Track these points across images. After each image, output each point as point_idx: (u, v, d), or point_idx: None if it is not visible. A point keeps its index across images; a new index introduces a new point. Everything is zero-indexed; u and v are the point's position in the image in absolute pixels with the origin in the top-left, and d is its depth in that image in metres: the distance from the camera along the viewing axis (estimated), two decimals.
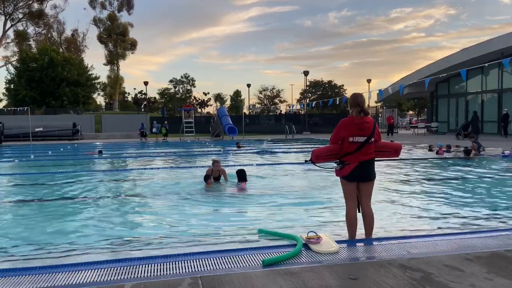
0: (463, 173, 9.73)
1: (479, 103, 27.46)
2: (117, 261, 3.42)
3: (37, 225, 5.38)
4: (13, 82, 45.27)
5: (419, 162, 12.39)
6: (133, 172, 11.05)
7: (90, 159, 15.10)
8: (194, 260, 3.40)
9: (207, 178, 7.95)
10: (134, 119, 35.63)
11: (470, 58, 24.67)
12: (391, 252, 3.60)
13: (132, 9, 62.29)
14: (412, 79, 27.74)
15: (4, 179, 10.03)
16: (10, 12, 50.55)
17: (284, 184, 8.55)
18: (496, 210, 5.88)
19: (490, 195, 7.09)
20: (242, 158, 14.46)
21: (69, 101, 43.77)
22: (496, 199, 6.82)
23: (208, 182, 7.91)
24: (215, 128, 30.25)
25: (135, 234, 4.88)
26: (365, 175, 4.01)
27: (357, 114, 3.95)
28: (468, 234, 4.25)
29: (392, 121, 29.63)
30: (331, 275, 3.04)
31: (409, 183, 8.51)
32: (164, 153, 17.30)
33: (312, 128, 35.79)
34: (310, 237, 3.83)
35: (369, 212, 4.13)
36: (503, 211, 5.80)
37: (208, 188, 7.79)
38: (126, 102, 73.38)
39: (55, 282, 2.99)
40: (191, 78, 74.94)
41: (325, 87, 64.46)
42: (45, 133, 28.73)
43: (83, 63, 50.15)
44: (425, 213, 5.73)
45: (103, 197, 7.32)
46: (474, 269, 3.12)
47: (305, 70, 38.61)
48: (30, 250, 4.29)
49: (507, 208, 5.96)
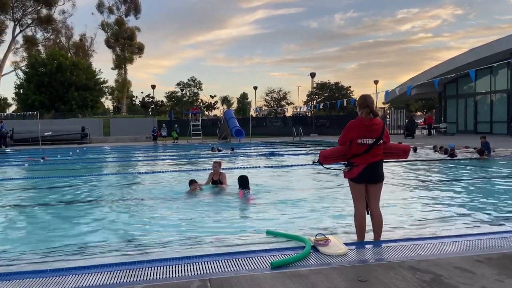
0: (472, 173, 9.65)
1: (488, 103, 27.22)
2: (127, 264, 3.45)
3: (48, 228, 5.43)
4: (22, 87, 45.79)
5: (428, 163, 12.31)
6: (143, 175, 11.11)
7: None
8: (203, 263, 3.41)
9: (191, 182, 7.61)
10: (142, 122, 35.85)
11: (478, 58, 24.47)
12: (400, 254, 3.58)
13: (139, 14, 62.66)
14: (420, 79, 27.57)
15: (12, 183, 10.14)
16: (19, 17, 51.15)
17: (292, 185, 8.54)
18: (506, 211, 5.82)
19: (499, 196, 7.01)
20: (244, 160, 14.47)
21: (78, 105, 44.15)
22: (506, 200, 6.74)
23: (191, 187, 7.54)
24: (222, 131, 30.31)
25: (144, 237, 4.90)
26: (374, 176, 4.00)
27: (366, 115, 3.94)
28: (478, 235, 4.22)
29: (432, 121, 29.23)
30: (340, 277, 3.03)
31: (418, 184, 8.45)
32: (174, 156, 17.37)
33: (319, 130, 35.72)
34: (318, 239, 3.82)
35: (377, 213, 4.11)
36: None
37: (191, 193, 7.46)
38: (134, 105, 73.76)
39: (66, 284, 3.02)
40: (198, 81, 75.18)
41: (332, 88, 64.33)
42: (55, 137, 29.02)
43: (91, 68, 50.57)
44: (434, 215, 5.69)
45: (112, 200, 7.36)
46: (485, 270, 3.09)
47: (311, 72, 38.72)
48: (41, 253, 4.32)
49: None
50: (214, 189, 7.85)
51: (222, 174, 8.14)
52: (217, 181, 8.01)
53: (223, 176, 8.09)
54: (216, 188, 7.88)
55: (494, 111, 26.54)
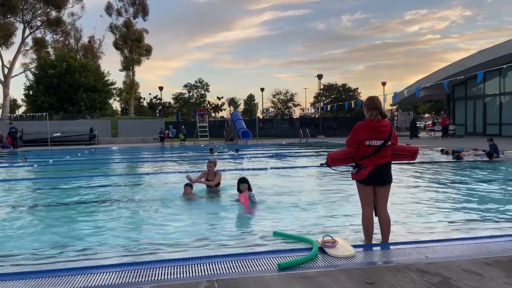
0: (481, 176, 9.56)
1: (497, 105, 26.97)
2: (136, 264, 3.47)
3: (57, 229, 5.48)
4: (32, 88, 46.30)
5: (436, 165, 12.22)
6: (150, 176, 11.16)
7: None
8: (211, 263, 3.43)
9: (185, 186, 7.32)
10: (149, 124, 36.05)
11: (487, 59, 24.25)
12: (408, 256, 3.57)
13: (147, 16, 63.19)
14: (429, 81, 27.39)
15: (23, 183, 10.25)
16: (28, 20, 51.79)
17: (299, 187, 8.53)
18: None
19: (509, 199, 6.95)
20: (251, 161, 14.47)
21: (86, 107, 44.54)
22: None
23: (184, 191, 7.25)
24: (229, 132, 30.36)
25: (153, 238, 4.92)
26: (382, 178, 3.98)
27: (376, 117, 3.93)
28: (487, 238, 4.19)
29: (447, 123, 29.08)
30: (348, 279, 3.03)
31: (425, 186, 8.39)
32: (180, 157, 17.43)
33: (326, 131, 35.64)
34: (325, 241, 3.81)
35: (385, 216, 4.10)
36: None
37: (187, 197, 7.19)
38: (142, 107, 74.19)
39: (75, 284, 3.05)
40: (205, 83, 75.49)
41: (339, 90, 64.13)
42: (63, 138, 29.27)
43: (99, 69, 51.00)
44: (443, 217, 5.65)
45: (121, 201, 7.41)
46: (494, 273, 3.07)
47: (319, 74, 38.65)
48: (50, 253, 4.36)
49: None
50: (216, 191, 7.69)
51: (218, 174, 7.85)
52: (216, 183, 7.76)
53: (218, 176, 7.80)
54: (217, 190, 7.65)
55: (503, 113, 26.28)
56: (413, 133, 28.87)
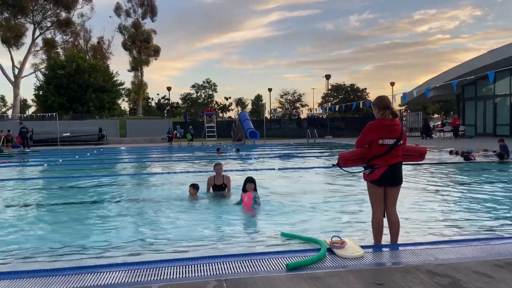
0: (492, 177, 9.47)
1: (508, 105, 26.66)
2: (145, 263, 3.49)
3: (68, 228, 5.53)
4: (42, 88, 46.72)
5: (446, 166, 12.13)
6: (159, 175, 11.22)
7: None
8: (219, 263, 3.43)
9: (191, 187, 7.29)
10: (157, 124, 36.22)
11: (497, 59, 23.98)
12: (417, 257, 3.54)
13: (155, 16, 63.39)
14: (438, 81, 27.16)
15: (33, 182, 10.36)
16: (38, 20, 52.25)
17: (307, 188, 8.51)
18: None
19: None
20: (258, 162, 14.47)
21: (95, 107, 44.85)
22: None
23: (190, 191, 7.25)
24: (237, 133, 30.40)
25: (161, 237, 4.95)
26: (394, 179, 3.96)
27: (387, 116, 3.92)
28: (497, 240, 4.14)
29: (457, 123, 28.91)
30: (357, 280, 3.02)
31: (435, 187, 8.32)
32: (188, 157, 17.49)
33: (334, 132, 35.54)
34: (334, 241, 3.80)
35: (395, 217, 4.08)
36: None
37: (194, 198, 7.20)
38: (150, 107, 74.61)
39: (85, 282, 3.07)
40: (213, 83, 75.69)
41: (347, 90, 63.92)
42: (73, 138, 29.53)
43: (108, 70, 51.31)
44: (453, 218, 5.61)
45: (129, 201, 7.46)
46: (505, 275, 3.04)
47: (326, 74, 38.63)
48: (60, 252, 4.41)
49: None
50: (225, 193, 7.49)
51: (226, 177, 7.62)
52: (222, 185, 7.52)
53: (227, 180, 7.58)
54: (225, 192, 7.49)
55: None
56: (426, 133, 28.97)
